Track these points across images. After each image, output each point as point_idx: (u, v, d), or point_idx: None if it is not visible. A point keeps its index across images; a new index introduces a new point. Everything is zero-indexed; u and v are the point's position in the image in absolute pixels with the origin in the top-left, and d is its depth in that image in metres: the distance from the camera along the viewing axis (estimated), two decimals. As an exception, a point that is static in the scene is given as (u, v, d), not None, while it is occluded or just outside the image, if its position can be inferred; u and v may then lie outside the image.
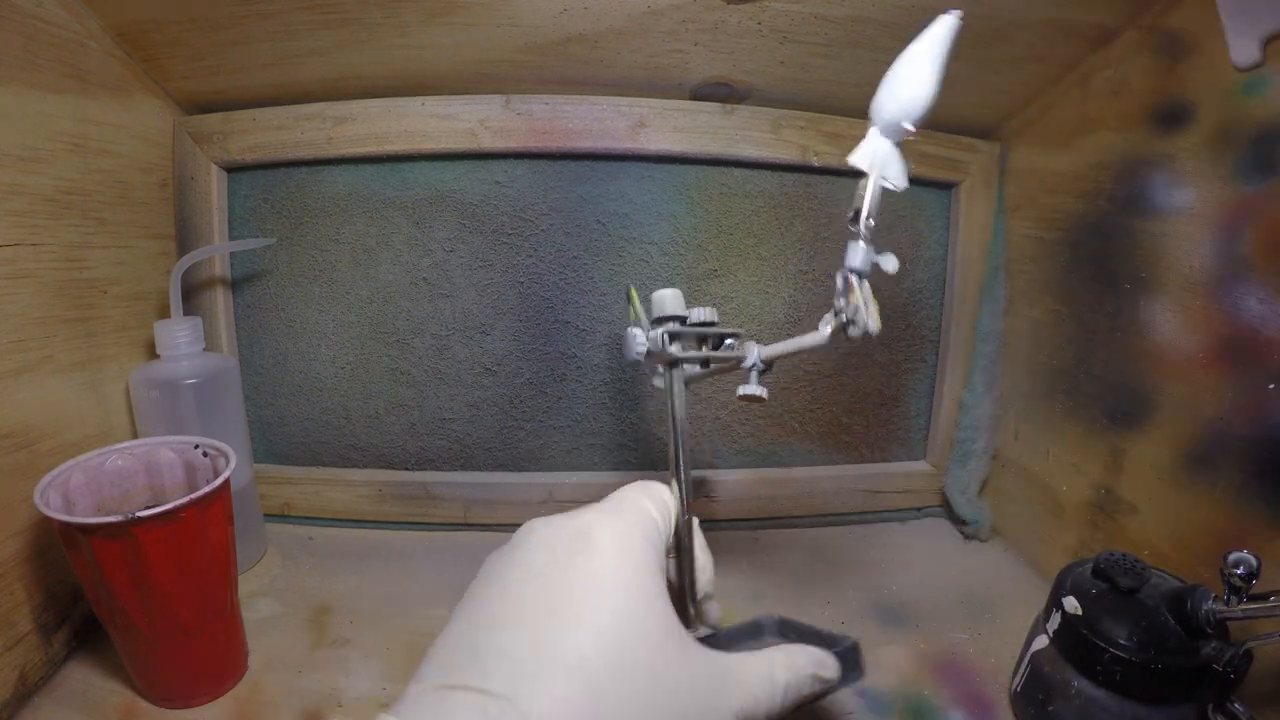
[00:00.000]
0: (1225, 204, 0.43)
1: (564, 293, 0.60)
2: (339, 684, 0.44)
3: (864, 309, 0.37)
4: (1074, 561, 0.43)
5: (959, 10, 0.33)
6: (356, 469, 0.63)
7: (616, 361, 0.61)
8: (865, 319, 0.36)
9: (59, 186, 0.44)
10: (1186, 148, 0.46)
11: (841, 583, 0.57)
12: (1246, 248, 0.42)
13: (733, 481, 0.64)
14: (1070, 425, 0.56)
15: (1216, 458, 0.43)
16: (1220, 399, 0.43)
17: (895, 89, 0.36)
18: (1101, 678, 0.36)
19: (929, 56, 0.34)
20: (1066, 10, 0.48)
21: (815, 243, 0.62)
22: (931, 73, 0.35)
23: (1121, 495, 0.51)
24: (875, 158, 0.38)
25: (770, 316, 0.63)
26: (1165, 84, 0.47)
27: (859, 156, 0.39)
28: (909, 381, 0.67)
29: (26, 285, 0.42)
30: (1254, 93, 0.41)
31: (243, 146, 0.56)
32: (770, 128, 0.58)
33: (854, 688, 0.38)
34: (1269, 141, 0.41)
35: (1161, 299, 0.48)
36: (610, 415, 0.63)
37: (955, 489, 0.65)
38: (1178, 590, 0.37)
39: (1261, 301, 0.41)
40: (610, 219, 0.59)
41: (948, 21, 0.34)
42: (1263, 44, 0.40)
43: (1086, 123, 0.54)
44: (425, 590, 0.53)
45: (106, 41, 0.47)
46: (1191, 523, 0.45)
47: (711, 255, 0.61)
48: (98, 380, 0.49)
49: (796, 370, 0.64)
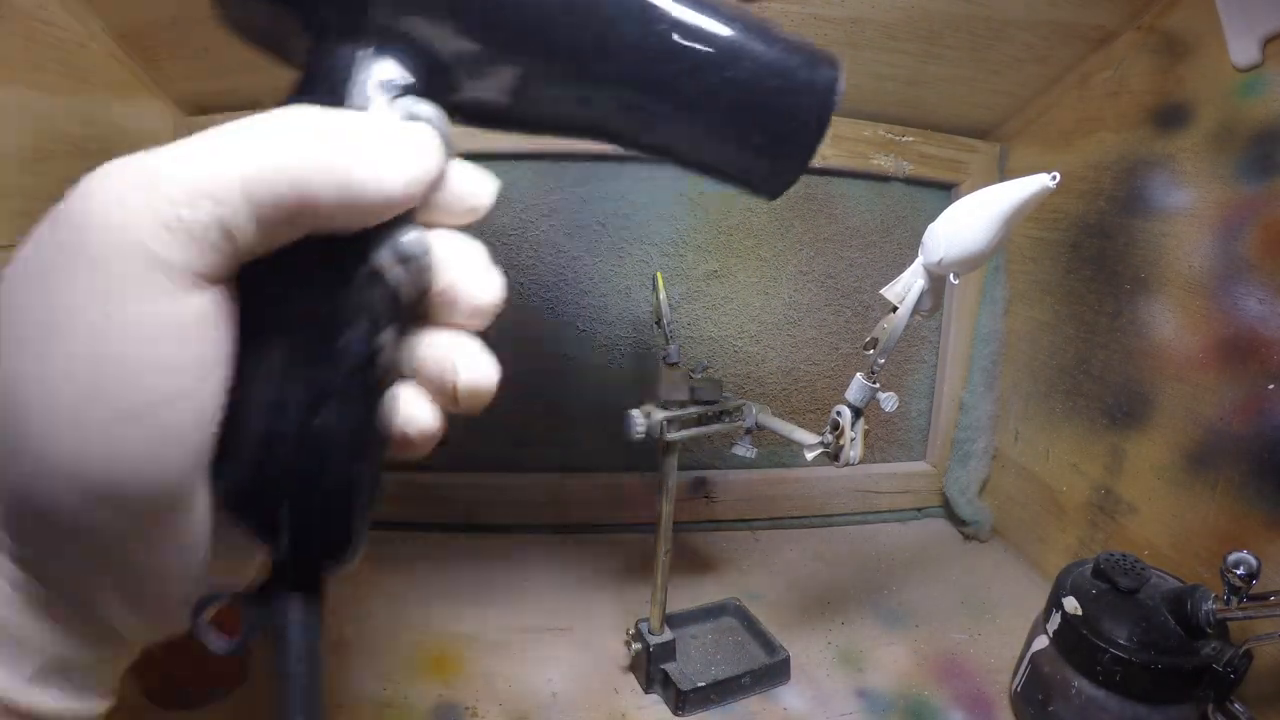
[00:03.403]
0: (1225, 204, 0.43)
1: (564, 293, 0.60)
2: (339, 684, 0.44)
3: (849, 447, 0.38)
4: (1074, 562, 0.43)
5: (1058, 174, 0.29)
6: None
7: (616, 362, 0.61)
8: (849, 454, 0.38)
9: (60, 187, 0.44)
10: (1186, 148, 0.46)
11: (841, 583, 0.58)
12: (1246, 248, 0.42)
13: (733, 481, 0.64)
14: (1070, 425, 0.56)
15: (1216, 458, 0.43)
16: (1220, 399, 0.43)
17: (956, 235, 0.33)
18: (1101, 678, 0.36)
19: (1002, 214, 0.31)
20: (1066, 11, 0.48)
21: (815, 243, 0.62)
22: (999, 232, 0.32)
23: (1121, 495, 0.51)
24: (910, 294, 0.36)
25: (770, 317, 0.63)
26: (1165, 84, 0.47)
27: (894, 291, 0.36)
28: (909, 381, 0.67)
29: (28, 286, 0.42)
30: (1253, 93, 0.42)
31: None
32: (770, 128, 0.58)
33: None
34: (1268, 142, 0.41)
35: (1161, 299, 0.48)
36: (610, 416, 0.63)
37: (955, 489, 0.65)
38: (1178, 590, 0.37)
39: (1261, 301, 0.41)
40: (610, 219, 0.59)
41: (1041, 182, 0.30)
42: (1262, 44, 0.40)
43: (1086, 123, 0.54)
44: (425, 590, 0.53)
45: (108, 43, 0.47)
46: (1191, 523, 0.45)
47: (711, 256, 0.61)
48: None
49: (796, 370, 0.64)
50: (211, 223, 0.16)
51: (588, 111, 0.24)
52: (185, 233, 0.16)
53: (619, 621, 0.50)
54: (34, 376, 0.16)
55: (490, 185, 0.22)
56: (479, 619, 0.50)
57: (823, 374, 0.65)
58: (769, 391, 0.64)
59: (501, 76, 0.22)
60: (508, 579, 0.56)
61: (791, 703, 0.45)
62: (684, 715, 0.43)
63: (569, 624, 0.51)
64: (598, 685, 0.45)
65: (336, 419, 0.19)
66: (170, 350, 0.16)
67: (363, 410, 0.20)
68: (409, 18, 0.20)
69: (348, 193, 0.17)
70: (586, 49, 0.22)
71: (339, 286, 0.19)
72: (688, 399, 0.43)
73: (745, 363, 0.63)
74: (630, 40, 0.22)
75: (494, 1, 0.21)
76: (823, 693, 0.45)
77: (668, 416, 0.42)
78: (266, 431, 0.19)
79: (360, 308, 0.19)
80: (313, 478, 0.19)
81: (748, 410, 0.45)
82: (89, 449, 0.16)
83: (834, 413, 0.39)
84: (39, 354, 0.16)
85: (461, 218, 0.22)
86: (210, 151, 0.17)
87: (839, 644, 0.50)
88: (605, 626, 0.50)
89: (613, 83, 0.23)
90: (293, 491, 0.19)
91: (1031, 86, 0.57)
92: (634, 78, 0.23)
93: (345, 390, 0.19)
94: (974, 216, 0.32)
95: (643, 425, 0.41)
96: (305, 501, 0.19)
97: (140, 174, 0.16)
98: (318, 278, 0.19)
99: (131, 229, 0.16)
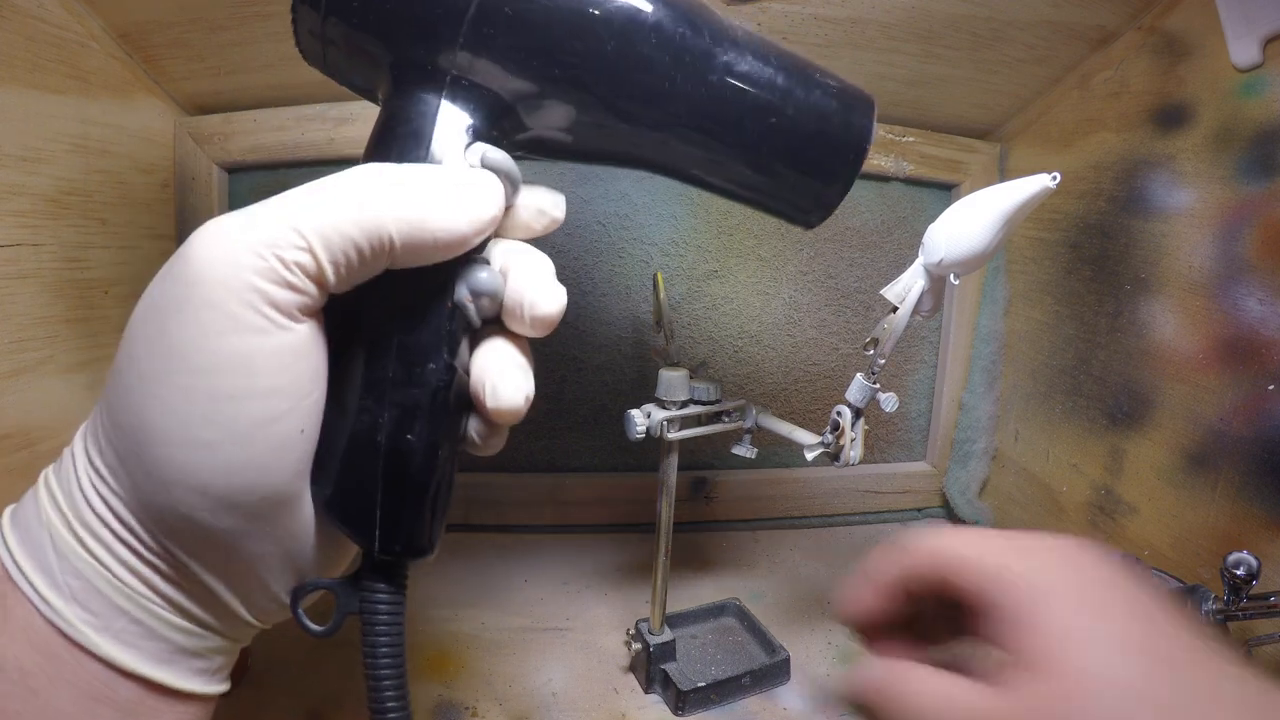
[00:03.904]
0: (1225, 205, 0.43)
1: (564, 293, 0.60)
2: (339, 684, 0.44)
3: (849, 447, 0.39)
4: (1074, 562, 0.43)
5: (1058, 174, 0.29)
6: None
7: (616, 363, 0.61)
8: (849, 454, 0.39)
9: (60, 187, 0.44)
10: (1186, 148, 0.46)
11: (842, 583, 0.57)
12: (1246, 248, 0.42)
13: (733, 481, 0.64)
14: (1070, 425, 0.56)
15: (1216, 458, 0.43)
16: (1220, 399, 0.43)
17: (956, 236, 0.33)
18: (1101, 678, 0.36)
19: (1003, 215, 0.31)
20: (1066, 11, 0.48)
21: (815, 243, 0.62)
22: (999, 232, 0.31)
23: (1121, 495, 0.51)
24: (911, 294, 0.35)
25: (770, 317, 0.63)
26: (1165, 85, 0.47)
27: (894, 291, 0.36)
28: (909, 381, 0.67)
29: (28, 285, 0.42)
30: (1254, 94, 0.42)
31: (244, 147, 0.56)
32: (770, 128, 0.58)
33: None
34: (1269, 142, 0.41)
35: (1161, 299, 0.48)
36: (610, 416, 0.63)
37: (955, 489, 0.65)
38: (1178, 591, 0.37)
39: (1261, 302, 0.41)
40: (610, 220, 0.59)
41: (1041, 182, 0.30)
42: (1262, 45, 0.40)
43: (1086, 124, 0.54)
44: (425, 590, 0.53)
45: (108, 42, 0.47)
46: (1191, 523, 0.45)
47: (712, 256, 0.61)
48: (98, 380, 0.49)
49: (796, 370, 0.64)
50: (301, 264, 0.19)
51: (641, 150, 0.27)
52: (278, 275, 0.19)
53: (619, 621, 0.50)
54: (157, 404, 0.19)
55: (559, 200, 0.26)
56: (479, 619, 0.50)
57: (823, 374, 0.65)
58: (769, 391, 0.64)
59: (563, 117, 0.25)
60: (508, 579, 0.56)
61: (791, 703, 0.45)
62: (684, 715, 0.43)
63: (569, 624, 0.51)
64: (597, 685, 0.45)
65: (420, 434, 0.22)
66: (270, 379, 0.19)
67: (444, 426, 0.23)
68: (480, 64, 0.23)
69: (421, 233, 0.20)
70: (646, 96, 0.24)
71: (423, 319, 0.22)
72: (687, 399, 0.43)
73: (745, 363, 0.63)
74: (685, 88, 0.24)
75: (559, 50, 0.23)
76: (823, 693, 0.45)
77: (668, 416, 0.42)
78: (361, 446, 0.22)
79: (442, 337, 0.22)
80: (400, 485, 0.22)
81: (748, 410, 0.45)
82: (206, 464, 0.19)
83: (834, 413, 0.39)
84: (160, 385, 0.19)
85: (539, 232, 0.25)
86: (299, 205, 0.20)
87: (839, 644, 0.50)
88: (605, 626, 0.50)
89: (667, 126, 0.25)
90: (383, 498, 0.22)
91: (1032, 87, 0.57)
92: (687, 122, 0.25)
93: (429, 409, 0.22)
94: (974, 217, 0.32)
95: (643, 425, 0.41)
96: (394, 506, 0.22)
97: (240, 226, 0.19)
98: (405, 311, 0.22)
99: (234, 273, 0.19)
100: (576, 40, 0.23)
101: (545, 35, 0.23)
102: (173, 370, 0.19)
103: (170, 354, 0.19)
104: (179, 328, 0.19)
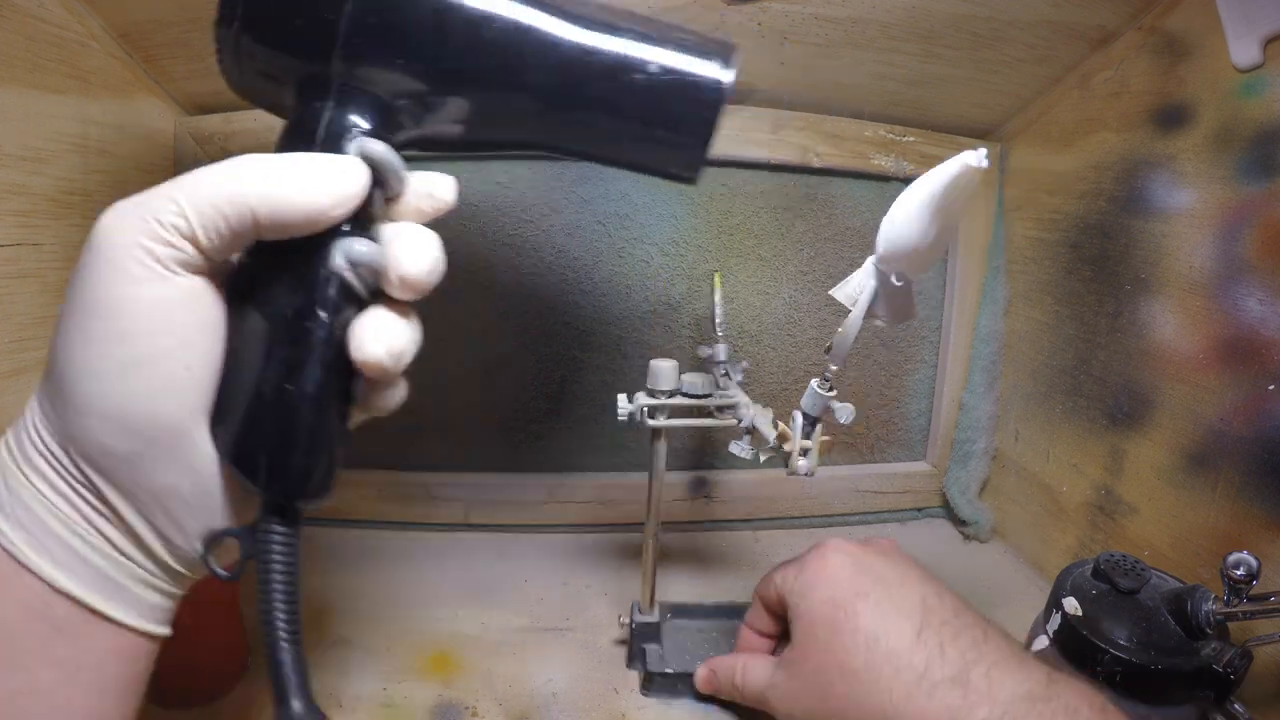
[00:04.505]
0: (1225, 205, 0.43)
1: (565, 294, 0.60)
2: (339, 684, 0.44)
3: (797, 454, 0.37)
4: (1074, 562, 0.43)
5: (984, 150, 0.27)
6: (356, 469, 0.63)
7: (617, 363, 0.61)
8: (798, 462, 0.37)
9: (60, 187, 0.44)
10: (1187, 149, 0.46)
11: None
12: (1246, 248, 0.42)
13: (733, 481, 0.64)
14: (1070, 425, 0.56)
15: (1216, 458, 0.43)
16: (1220, 400, 0.43)
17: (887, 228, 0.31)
18: (1102, 678, 0.36)
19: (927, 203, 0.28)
20: (1066, 11, 0.48)
21: (815, 243, 0.62)
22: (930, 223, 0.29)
23: (1121, 495, 0.51)
24: (861, 295, 0.33)
25: (770, 317, 0.63)
26: (1165, 85, 0.47)
27: (845, 293, 0.34)
28: (909, 381, 0.67)
29: (28, 285, 0.42)
30: (1254, 94, 0.42)
31: (244, 147, 0.55)
32: (770, 128, 0.58)
33: None
34: (1269, 142, 0.41)
35: (1161, 299, 0.48)
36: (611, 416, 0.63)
37: (955, 489, 0.65)
38: (1177, 591, 0.37)
39: (1261, 302, 0.41)
40: (611, 220, 0.59)
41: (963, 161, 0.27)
42: (1263, 45, 0.40)
43: (1087, 124, 0.54)
44: (425, 591, 0.53)
45: (108, 42, 0.47)
46: (1191, 523, 0.45)
47: (712, 256, 0.61)
48: (99, 380, 0.49)
49: (796, 370, 0.64)
50: (177, 226, 0.23)
51: (521, 132, 0.29)
52: (157, 234, 0.23)
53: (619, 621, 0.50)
54: (69, 343, 0.23)
55: (448, 184, 0.29)
56: (479, 619, 0.50)
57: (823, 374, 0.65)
58: (769, 391, 0.64)
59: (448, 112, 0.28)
60: (507, 579, 0.56)
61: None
62: (650, 695, 0.44)
63: (569, 624, 0.51)
64: (598, 685, 0.45)
65: (301, 385, 0.25)
66: (160, 319, 0.23)
67: (321, 378, 0.25)
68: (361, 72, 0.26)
69: (280, 206, 0.24)
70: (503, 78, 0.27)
71: (302, 284, 0.25)
72: (674, 389, 0.44)
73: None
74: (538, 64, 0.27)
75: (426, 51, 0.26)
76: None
77: (652, 404, 0.43)
78: (251, 396, 0.25)
79: (320, 301, 0.25)
80: (283, 432, 0.25)
81: (743, 410, 0.45)
82: (106, 390, 0.23)
83: (795, 414, 0.38)
84: (71, 327, 0.23)
85: (429, 214, 0.29)
86: (180, 183, 0.23)
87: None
88: (605, 626, 0.50)
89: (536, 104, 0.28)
90: (268, 443, 0.25)
91: (1032, 86, 0.57)
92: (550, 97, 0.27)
93: (307, 363, 0.25)
94: (901, 208, 0.30)
95: (625, 410, 0.43)
96: (277, 451, 0.25)
97: (134, 201, 0.24)
98: (289, 277, 0.25)
99: (122, 234, 0.23)
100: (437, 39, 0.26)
101: (412, 39, 0.26)
102: (78, 314, 0.23)
103: (77, 302, 0.23)
104: (82, 280, 0.23)
